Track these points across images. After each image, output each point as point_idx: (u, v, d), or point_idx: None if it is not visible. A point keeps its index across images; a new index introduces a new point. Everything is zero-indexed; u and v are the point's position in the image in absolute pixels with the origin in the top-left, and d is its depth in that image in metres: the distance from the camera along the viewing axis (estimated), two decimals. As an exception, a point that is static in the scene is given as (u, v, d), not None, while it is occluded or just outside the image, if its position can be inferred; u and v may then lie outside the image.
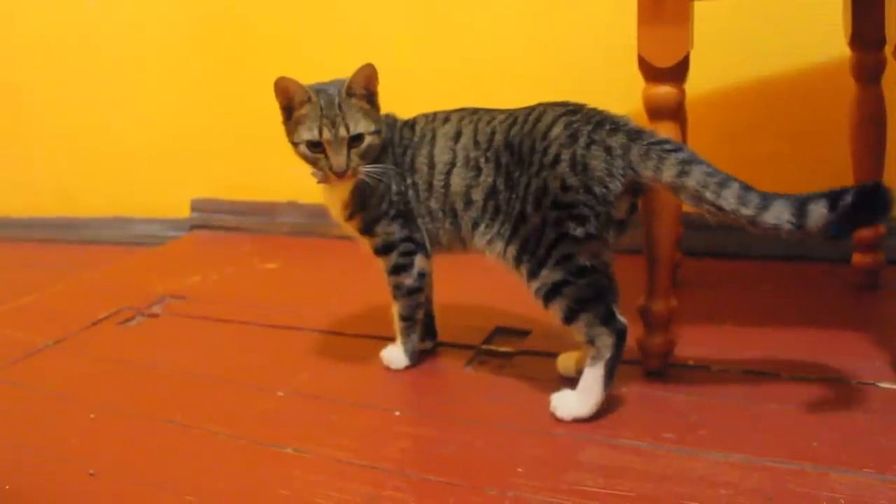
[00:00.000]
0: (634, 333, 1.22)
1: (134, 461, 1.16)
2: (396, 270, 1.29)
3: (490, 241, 1.18)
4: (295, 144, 1.23)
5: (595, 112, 1.13)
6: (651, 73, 1.14)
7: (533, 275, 1.13)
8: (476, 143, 1.20)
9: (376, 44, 2.09)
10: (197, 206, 2.51)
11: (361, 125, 1.20)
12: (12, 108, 2.76)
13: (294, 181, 1.39)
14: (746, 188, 1.00)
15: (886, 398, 1.11)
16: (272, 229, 2.35)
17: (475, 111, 1.25)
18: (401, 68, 2.07)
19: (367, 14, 2.09)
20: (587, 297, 1.11)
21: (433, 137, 1.25)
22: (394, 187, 1.26)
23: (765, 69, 1.68)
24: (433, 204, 1.24)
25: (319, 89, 1.22)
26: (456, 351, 1.40)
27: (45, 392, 1.44)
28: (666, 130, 1.14)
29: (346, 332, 1.54)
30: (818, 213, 0.96)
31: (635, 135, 1.07)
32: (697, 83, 1.54)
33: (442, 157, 1.23)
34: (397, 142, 1.28)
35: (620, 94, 1.76)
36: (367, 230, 1.29)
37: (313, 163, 1.22)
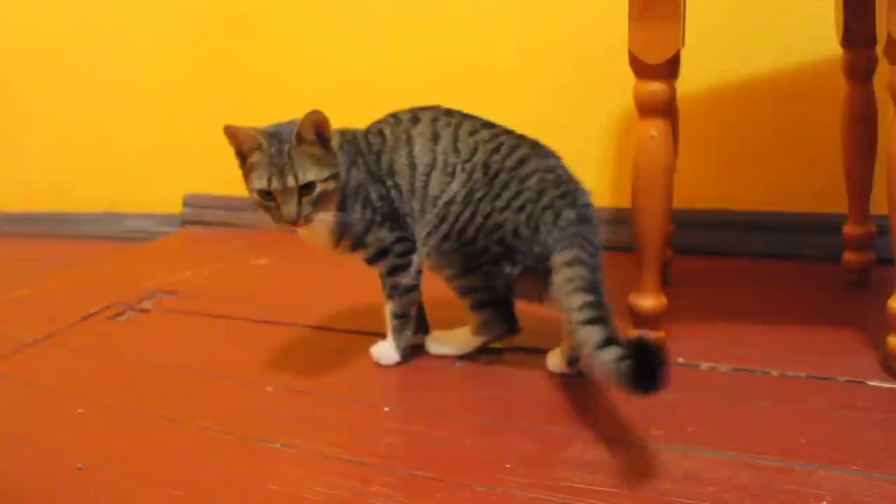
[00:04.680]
0: (624, 331, 1.23)
1: (122, 455, 1.16)
2: (394, 271, 1.29)
3: (428, 234, 1.24)
4: (250, 192, 1.19)
5: (568, 178, 1.20)
6: (642, 69, 1.14)
7: (458, 276, 1.24)
8: (456, 150, 1.22)
9: (369, 39, 2.09)
10: (189, 201, 2.51)
11: (311, 173, 1.16)
12: (5, 104, 2.75)
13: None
14: (597, 321, 1.02)
15: (875, 396, 1.11)
16: (264, 225, 2.34)
17: (448, 112, 1.27)
18: (394, 64, 2.08)
19: (361, 10, 2.09)
20: (496, 300, 1.26)
21: (409, 139, 1.25)
22: (373, 195, 1.25)
23: (757, 67, 1.68)
24: (415, 204, 1.25)
25: (273, 133, 1.17)
26: (446, 347, 1.40)
27: (34, 386, 1.43)
28: (656, 127, 1.14)
29: (335, 328, 1.54)
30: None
31: (582, 219, 1.15)
32: (690, 81, 1.55)
33: (423, 158, 1.24)
34: (366, 151, 1.27)
35: (614, 90, 1.77)
36: (358, 244, 1.28)
37: (266, 210, 1.19)
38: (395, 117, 1.30)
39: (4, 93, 2.74)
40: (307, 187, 1.17)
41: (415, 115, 1.28)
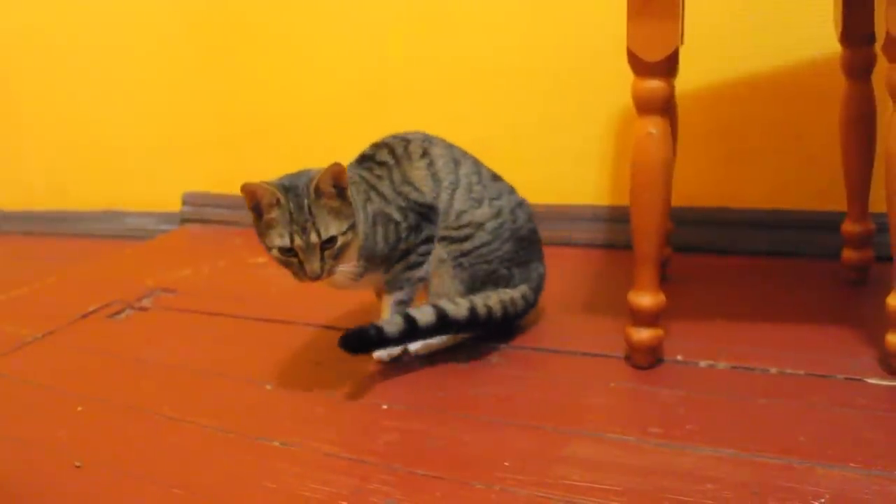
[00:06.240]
0: (622, 328, 1.23)
1: (121, 454, 1.16)
2: (412, 267, 1.31)
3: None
4: (267, 248, 1.20)
5: None
6: (640, 67, 1.13)
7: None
8: (481, 182, 1.33)
9: (369, 39, 2.08)
10: (188, 199, 2.51)
11: (333, 228, 1.17)
12: (4, 103, 2.75)
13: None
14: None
15: (873, 394, 1.11)
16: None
17: (459, 149, 1.35)
18: (393, 63, 2.07)
19: (361, 10, 2.09)
20: None
21: (427, 154, 1.31)
22: (396, 215, 1.28)
23: (755, 65, 1.68)
24: (438, 206, 1.30)
25: (289, 187, 1.17)
26: (445, 345, 1.40)
27: (33, 384, 1.43)
28: (654, 125, 1.14)
29: (334, 326, 1.54)
30: None
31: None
32: (689, 79, 1.55)
33: (447, 175, 1.31)
34: (375, 182, 1.30)
35: (613, 89, 1.77)
36: (385, 261, 1.30)
37: (287, 266, 1.20)
38: (398, 138, 1.34)
39: (4, 92, 2.74)
40: (329, 241, 1.17)
41: (427, 137, 1.34)
